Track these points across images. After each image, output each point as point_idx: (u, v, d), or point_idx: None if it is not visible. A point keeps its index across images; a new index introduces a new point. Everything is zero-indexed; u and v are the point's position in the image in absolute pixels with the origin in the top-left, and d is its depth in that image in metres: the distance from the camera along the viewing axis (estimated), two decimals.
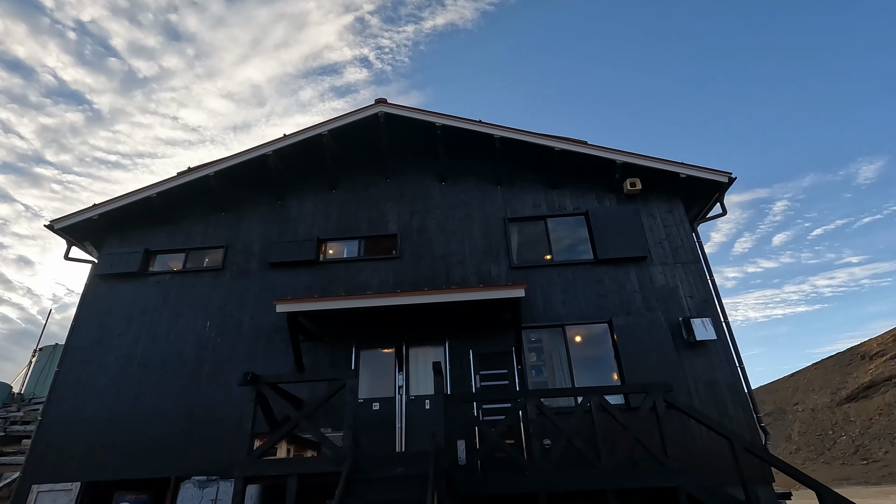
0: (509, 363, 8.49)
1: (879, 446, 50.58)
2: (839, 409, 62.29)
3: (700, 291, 8.66)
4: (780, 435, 66.53)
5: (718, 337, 8.09)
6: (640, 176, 9.43)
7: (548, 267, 9.27)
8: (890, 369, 60.71)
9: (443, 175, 10.51)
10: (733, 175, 8.97)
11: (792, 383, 77.50)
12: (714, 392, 7.88)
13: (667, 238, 9.18)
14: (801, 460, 56.80)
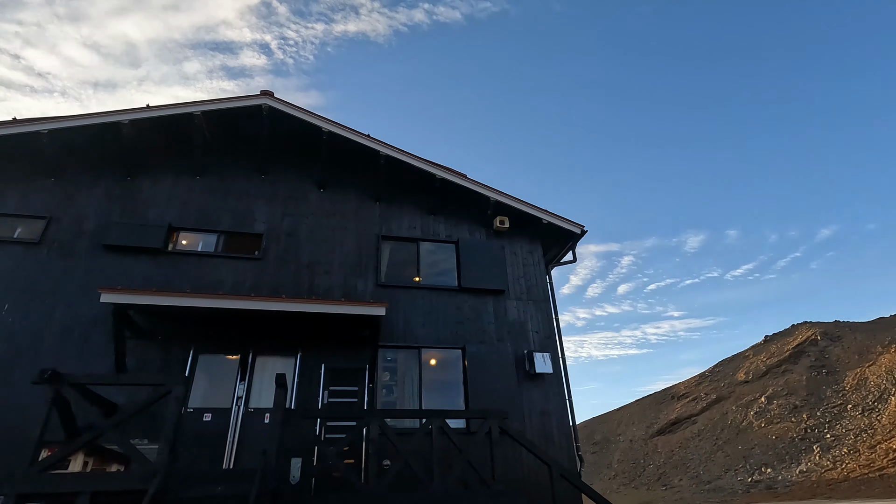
0: (362, 381, 8.40)
1: (676, 475, 59.40)
2: (650, 441, 72.07)
3: (546, 328, 9.51)
4: (603, 462, 74.70)
5: (554, 371, 8.91)
6: (509, 215, 10.17)
7: (414, 289, 9.45)
8: (691, 409, 72.10)
9: (323, 182, 10.24)
10: (585, 228, 10.11)
11: (618, 416, 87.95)
12: (545, 422, 8.61)
13: (524, 276, 9.97)
14: (617, 485, 64.26)
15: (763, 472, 49.37)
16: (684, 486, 54.46)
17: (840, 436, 50.52)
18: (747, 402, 65.73)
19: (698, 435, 65.77)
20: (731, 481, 50.33)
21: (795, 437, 54.31)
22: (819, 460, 47.61)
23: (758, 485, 46.53)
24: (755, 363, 74.48)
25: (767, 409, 61.96)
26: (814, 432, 53.88)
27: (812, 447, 50.97)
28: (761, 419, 60.76)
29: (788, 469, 47.81)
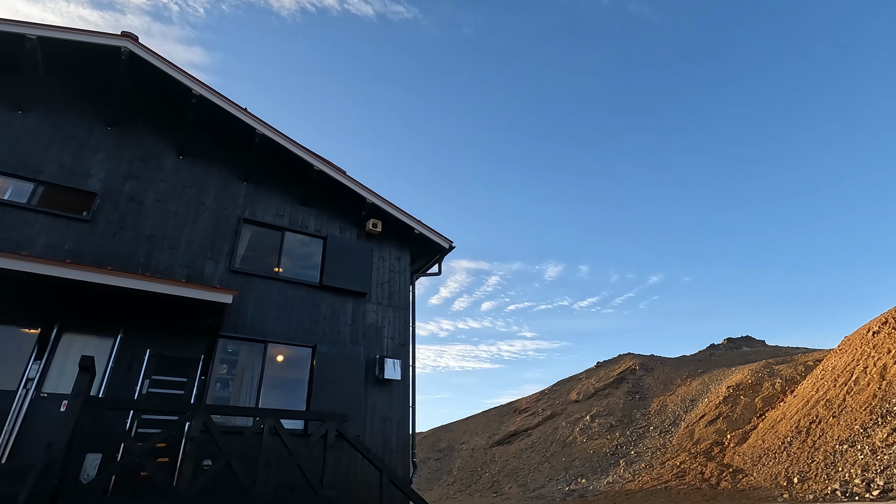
0: (193, 372, 7.66)
1: (507, 483, 64.14)
2: (489, 451, 77.01)
3: (401, 335, 9.65)
4: (445, 468, 77.81)
5: (403, 379, 9.07)
6: (383, 220, 10.18)
7: (272, 280, 8.94)
8: (528, 423, 78.73)
9: (184, 149, 9.25)
10: (454, 244, 10.54)
11: (464, 426, 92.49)
12: (386, 427, 8.69)
13: (389, 282, 10.03)
14: (454, 491, 67.30)
15: (578, 483, 55.62)
16: (513, 493, 58.94)
17: (641, 452, 59.04)
18: (575, 420, 73.75)
19: (531, 447, 71.92)
20: (551, 490, 55.79)
21: (608, 452, 62.17)
22: (623, 473, 55.04)
23: (573, 493, 52.26)
24: (586, 385, 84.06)
25: (590, 426, 70.17)
26: (622, 449, 62.17)
27: (619, 461, 58.76)
28: (584, 435, 68.57)
29: (599, 480, 54.50)
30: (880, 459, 40.38)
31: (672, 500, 48.48)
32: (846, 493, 38.26)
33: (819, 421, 49.43)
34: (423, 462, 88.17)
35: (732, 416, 60.96)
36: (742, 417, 60.08)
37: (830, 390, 53.14)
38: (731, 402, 64.87)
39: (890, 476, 37.31)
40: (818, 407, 51.77)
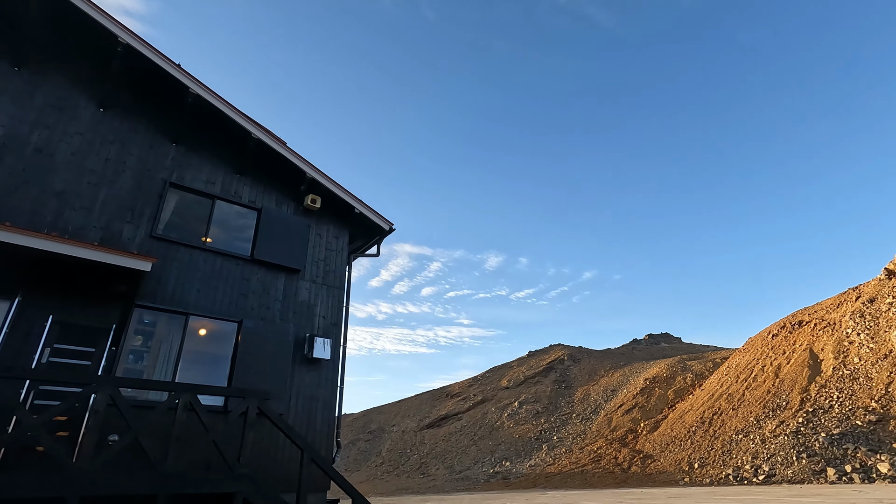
0: (104, 342, 7.15)
1: (435, 465, 65.52)
2: (419, 433, 78.19)
3: (334, 315, 9.50)
4: (374, 450, 78.21)
5: (332, 358, 8.95)
6: (322, 196, 9.90)
7: (198, 249, 8.47)
8: (459, 407, 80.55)
9: (106, 101, 8.48)
10: (394, 227, 10.45)
11: (397, 408, 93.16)
12: (311, 406, 8.56)
13: (325, 260, 9.81)
14: (382, 472, 67.85)
15: (503, 465, 57.91)
16: (440, 474, 60.36)
17: (563, 438, 62.22)
18: (504, 405, 76.43)
19: (460, 430, 73.83)
20: (477, 472, 57.71)
21: (532, 437, 65.07)
22: (544, 457, 57.84)
23: (497, 475, 54.32)
24: (517, 373, 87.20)
25: (518, 412, 72.99)
26: (546, 434, 65.26)
27: (542, 446, 61.66)
28: (512, 420, 71.26)
29: (522, 463, 56.99)
30: (768, 448, 45.07)
31: (587, 483, 51.53)
32: (737, 478, 42.50)
33: (721, 413, 54.26)
34: (353, 443, 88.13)
35: (647, 406, 65.67)
36: (655, 408, 64.90)
37: (732, 385, 58.45)
38: (647, 393, 69.72)
39: (774, 463, 41.72)
40: (721, 400, 56.79)
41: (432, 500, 37.64)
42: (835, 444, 38.34)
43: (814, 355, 53.40)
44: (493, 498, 36.06)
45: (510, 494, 41.01)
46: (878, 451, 35.32)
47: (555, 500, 29.54)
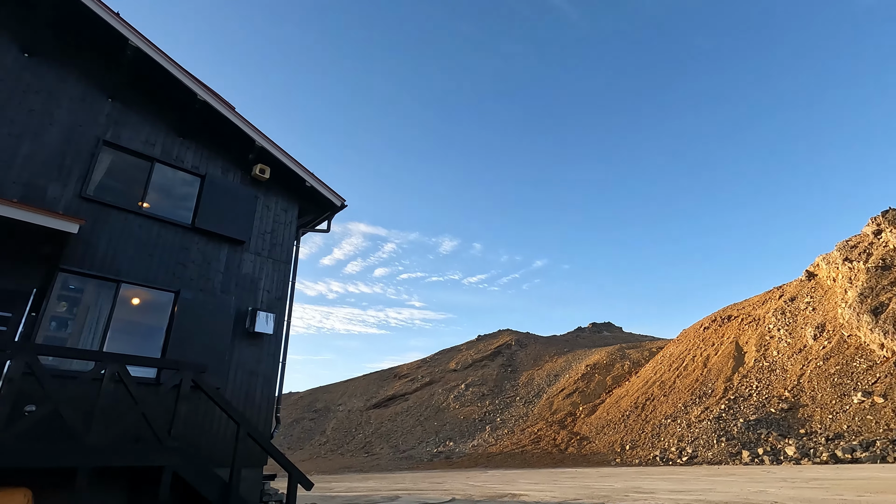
0: (22, 307, 6.66)
1: (379, 444, 66.06)
2: (366, 413, 78.43)
3: (279, 289, 9.27)
4: (319, 428, 77.78)
5: (275, 334, 8.76)
6: (272, 166, 9.55)
7: (133, 214, 7.99)
8: (407, 388, 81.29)
9: (33, 46, 7.76)
10: (346, 203, 10.27)
11: (344, 388, 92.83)
12: (251, 381, 8.37)
13: (271, 232, 9.51)
14: (326, 451, 67.71)
15: (446, 445, 59.19)
16: (384, 453, 60.96)
17: (506, 420, 64.20)
18: (451, 387, 77.82)
19: (406, 411, 74.66)
20: (421, 451, 58.71)
21: (477, 419, 66.73)
22: (487, 437, 59.55)
23: (440, 455, 55.49)
24: (466, 356, 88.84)
25: (464, 394, 74.55)
26: (490, 416, 67.09)
27: (486, 427, 63.41)
28: (458, 402, 72.73)
29: (465, 443, 58.48)
30: (692, 432, 48.26)
31: (526, 463, 53.59)
32: (663, 459, 45.38)
33: (653, 399, 57.43)
34: (297, 422, 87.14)
35: (587, 391, 68.74)
36: (594, 392, 68.03)
37: (665, 374, 61.97)
38: (587, 378, 72.93)
39: (697, 446, 44.75)
40: (654, 387, 60.10)
41: (374, 478, 38.06)
42: (751, 429, 41.74)
43: (739, 348, 57.58)
44: (434, 476, 36.90)
45: (452, 473, 42.13)
46: (786, 436, 38.78)
47: (494, 479, 30.60)
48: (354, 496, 20.30)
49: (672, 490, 18.33)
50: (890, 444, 32.85)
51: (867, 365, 42.95)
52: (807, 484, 18.56)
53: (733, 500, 13.94)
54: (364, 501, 17.69)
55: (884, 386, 39.67)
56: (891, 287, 48.81)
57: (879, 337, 44.20)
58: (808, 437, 37.52)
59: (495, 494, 18.88)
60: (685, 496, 15.74)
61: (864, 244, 57.66)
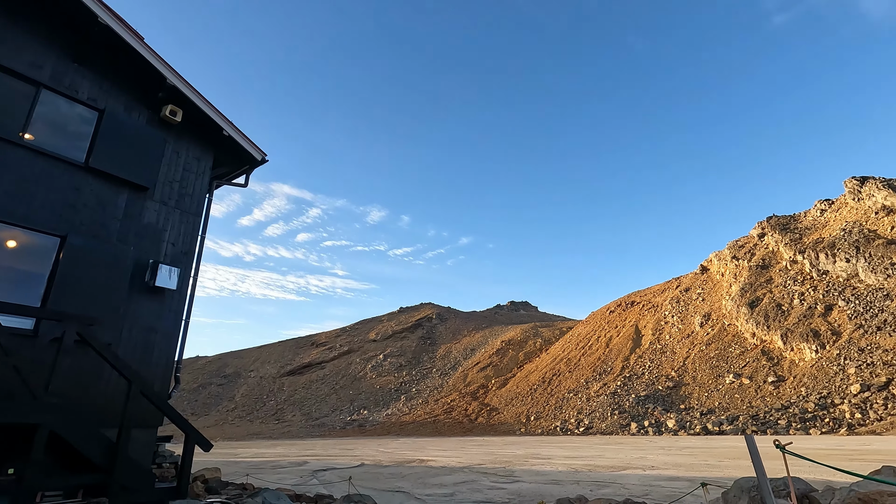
0: None
1: (291, 412, 65.11)
2: (279, 380, 76.70)
3: (186, 243, 8.62)
4: (227, 394, 74.97)
5: (179, 290, 8.19)
6: (185, 109, 8.72)
7: (12, 144, 6.98)
8: (324, 356, 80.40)
9: None
10: (267, 157, 9.70)
11: (257, 354, 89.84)
12: (149, 338, 7.80)
13: (181, 181, 8.77)
14: (234, 417, 65.55)
15: (360, 414, 59.67)
16: (296, 420, 60.23)
17: (421, 390, 65.76)
18: (369, 357, 78.10)
19: (322, 379, 74.01)
20: (334, 419, 58.74)
21: (392, 389, 67.74)
22: (401, 407, 60.77)
23: (353, 423, 55.89)
24: (386, 327, 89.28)
25: (382, 364, 75.16)
26: (406, 386, 68.36)
27: (401, 397, 64.60)
28: (375, 372, 73.26)
29: (379, 412, 59.30)
30: (590, 405, 52.33)
31: (437, 431, 55.56)
32: (563, 429, 48.97)
33: (559, 374, 61.55)
34: (203, 387, 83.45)
35: (500, 365, 72.12)
36: (507, 367, 71.55)
37: (572, 351, 66.46)
38: (502, 353, 76.56)
39: (594, 418, 48.66)
40: (561, 363, 64.29)
41: (284, 445, 37.57)
42: (640, 403, 46.21)
43: (638, 331, 63.00)
44: (346, 443, 37.17)
45: (364, 441, 42.66)
46: (669, 411, 43.41)
47: (404, 446, 31.43)
48: (261, 461, 19.95)
49: (567, 456, 19.91)
50: (750, 419, 37.94)
51: (740, 350, 48.92)
52: (680, 452, 20.98)
53: (618, 465, 15.44)
54: (271, 466, 17.43)
55: (751, 369, 45.50)
56: (766, 284, 55.53)
57: (752, 327, 50.39)
58: (686, 412, 42.29)
59: (404, 460, 19.43)
60: (577, 461, 17.18)
61: (750, 245, 64.81)
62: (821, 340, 43.68)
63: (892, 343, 39.49)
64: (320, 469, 15.84)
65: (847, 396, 36.43)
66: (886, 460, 13.91)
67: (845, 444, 22.74)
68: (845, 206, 59.31)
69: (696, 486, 6.99)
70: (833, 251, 51.86)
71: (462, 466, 16.20)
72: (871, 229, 52.10)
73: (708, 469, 13.70)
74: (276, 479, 12.95)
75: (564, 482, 11.44)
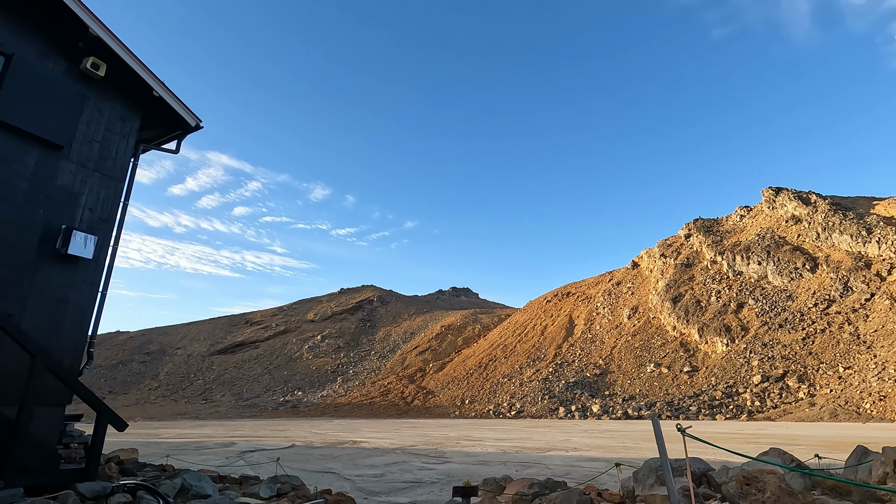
0: None
1: (221, 392, 62.77)
2: (208, 359, 73.52)
3: (105, 210, 7.98)
4: (151, 372, 70.99)
5: (96, 259, 7.58)
6: (109, 63, 7.98)
7: None
8: (259, 335, 77.91)
9: None
10: (202, 124, 9.12)
11: (185, 330, 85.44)
12: (59, 310, 7.20)
13: (102, 142, 8.07)
14: (157, 396, 62.28)
15: (294, 395, 58.62)
16: (225, 401, 58.18)
17: (358, 372, 65.49)
18: (307, 338, 76.58)
19: (255, 359, 71.80)
20: (266, 399, 57.31)
21: (329, 370, 66.97)
22: (337, 389, 60.29)
23: (286, 404, 54.80)
24: (326, 308, 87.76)
25: (319, 345, 73.97)
26: (342, 368, 67.80)
27: (337, 378, 64.03)
28: (311, 353, 72.00)
29: (314, 394, 58.51)
30: (523, 390, 54.18)
31: (373, 413, 55.73)
32: (496, 413, 50.48)
33: (495, 360, 63.20)
34: (124, 364, 78.65)
35: (438, 349, 73.02)
36: (445, 351, 72.57)
37: (509, 338, 68.39)
38: (441, 338, 77.51)
39: (525, 402, 50.45)
40: (497, 349, 66.04)
41: (211, 425, 36.23)
42: (569, 389, 48.62)
43: (571, 321, 65.93)
44: (278, 424, 36.43)
45: (296, 422, 41.98)
46: (595, 396, 46.00)
47: (338, 427, 31.28)
48: (185, 442, 19.14)
49: (497, 438, 20.65)
50: (666, 405, 41.02)
51: (661, 342, 52.53)
52: (602, 435, 22.34)
53: (544, 447, 16.21)
54: (195, 447, 16.77)
55: (670, 359, 49.03)
56: (689, 281, 59.76)
57: (673, 320, 54.18)
58: (610, 398, 45.01)
59: (337, 441, 19.35)
60: (506, 443, 17.86)
61: (677, 244, 69.32)
62: (731, 335, 47.76)
63: (790, 339, 43.94)
64: (248, 450, 15.46)
65: (749, 386, 40.22)
66: (776, 443, 15.57)
67: (745, 429, 25.17)
68: (761, 213, 64.71)
69: (612, 465, 7.50)
70: (748, 254, 56.60)
71: (395, 448, 16.38)
72: (781, 236, 57.29)
73: (624, 451, 14.68)
74: (199, 460, 12.51)
75: (492, 463, 11.87)
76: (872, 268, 47.65)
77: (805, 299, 47.99)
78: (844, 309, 44.78)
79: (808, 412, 34.34)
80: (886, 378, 34.46)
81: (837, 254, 51.50)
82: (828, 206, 56.73)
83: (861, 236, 50.96)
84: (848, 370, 38.04)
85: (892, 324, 40.51)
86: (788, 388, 38.81)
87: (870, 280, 46.36)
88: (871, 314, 43.00)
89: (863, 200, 59.94)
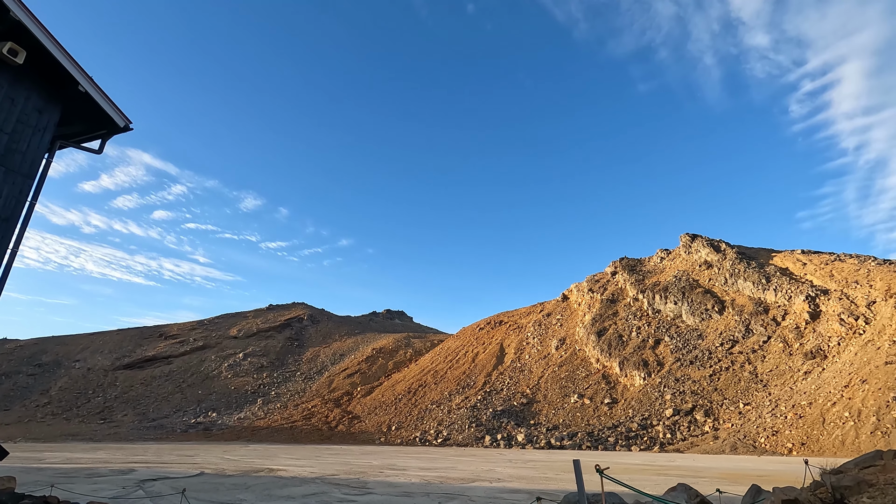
0: None
1: (123, 410, 57.17)
2: (112, 374, 66.98)
3: (9, 208, 7.16)
4: (41, 387, 63.47)
5: None
6: (30, 50, 7.34)
7: None
8: (173, 350, 72.23)
9: None
10: (132, 126, 8.57)
11: (87, 341, 77.56)
12: None
13: (11, 133, 7.33)
14: (45, 414, 55.59)
15: (208, 416, 54.56)
16: (127, 421, 53.02)
17: (281, 394, 62.33)
18: (227, 355, 72.04)
19: (167, 375, 66.39)
20: (175, 421, 52.86)
21: (249, 390, 63.20)
22: (256, 411, 56.91)
23: (198, 426, 50.83)
24: (251, 324, 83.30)
25: (241, 363, 69.80)
26: (264, 388, 64.30)
27: (257, 400, 60.53)
28: (231, 371, 67.73)
29: (230, 415, 54.80)
30: (451, 417, 54.03)
31: (293, 438, 53.06)
32: (422, 440, 49.87)
33: (425, 386, 62.73)
34: (8, 376, 70.13)
35: (368, 373, 71.37)
36: (374, 375, 71.05)
37: (440, 364, 68.31)
38: (371, 361, 75.89)
39: (452, 430, 50.29)
40: (428, 375, 65.65)
41: (108, 449, 32.78)
42: (496, 418, 49.05)
43: (502, 349, 67.05)
44: (186, 449, 33.62)
45: (208, 446, 38.96)
46: (520, 426, 46.71)
47: (254, 453, 29.39)
48: (74, 468, 17.15)
49: (422, 468, 20.31)
50: (587, 435, 42.44)
51: (585, 373, 54.63)
52: (525, 465, 22.64)
53: (468, 477, 16.14)
54: (86, 474, 15.07)
55: (592, 391, 51.02)
56: (612, 317, 63.02)
57: (598, 353, 56.69)
58: (535, 427, 45.90)
59: (251, 469, 18.16)
60: (431, 473, 17.61)
61: (604, 280, 73.17)
62: (648, 369, 50.63)
63: (699, 375, 47.31)
64: (149, 479, 14.13)
65: (662, 419, 42.65)
66: (684, 475, 16.55)
67: (657, 461, 26.52)
68: (679, 256, 70.01)
69: (533, 499, 7.60)
70: (666, 294, 60.78)
71: (314, 477, 15.65)
72: (695, 279, 62.15)
73: (546, 482, 14.95)
74: (90, 489, 11.24)
75: (416, 494, 11.64)
76: (770, 313, 52.81)
77: (713, 339, 52.06)
78: (746, 349, 49.05)
79: (713, 445, 36.86)
80: (778, 415, 37.91)
81: (741, 298, 56.60)
82: (735, 255, 62.53)
83: (761, 284, 56.51)
84: (747, 406, 41.47)
85: (783, 365, 44.90)
86: (696, 421, 41.57)
87: (767, 324, 51.30)
88: (767, 355, 47.41)
89: (763, 251, 66.68)
